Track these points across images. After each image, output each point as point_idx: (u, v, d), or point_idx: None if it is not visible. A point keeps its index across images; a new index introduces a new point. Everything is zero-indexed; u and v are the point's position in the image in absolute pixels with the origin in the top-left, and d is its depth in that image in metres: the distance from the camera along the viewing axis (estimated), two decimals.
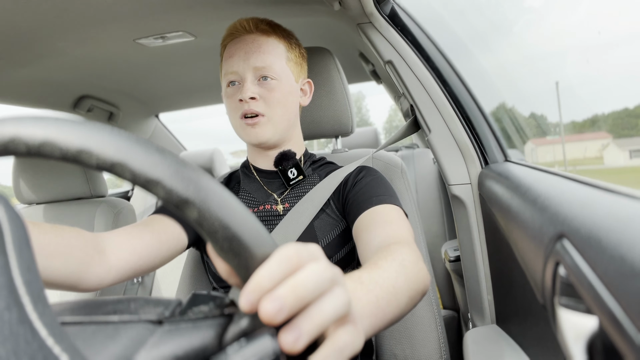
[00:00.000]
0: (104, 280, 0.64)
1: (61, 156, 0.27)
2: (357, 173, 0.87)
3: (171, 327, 0.28)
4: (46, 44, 1.11)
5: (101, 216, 1.38)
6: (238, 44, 0.84)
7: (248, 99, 0.81)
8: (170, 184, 0.27)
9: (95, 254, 0.62)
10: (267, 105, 0.82)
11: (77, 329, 0.28)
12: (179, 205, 0.27)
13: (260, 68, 0.82)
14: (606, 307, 0.31)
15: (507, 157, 0.86)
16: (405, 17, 0.91)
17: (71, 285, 0.60)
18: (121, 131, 0.28)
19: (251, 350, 0.26)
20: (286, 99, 0.85)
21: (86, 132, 0.27)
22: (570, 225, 0.40)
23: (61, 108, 1.62)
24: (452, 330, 1.63)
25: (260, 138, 0.83)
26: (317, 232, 0.82)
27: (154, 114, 2.15)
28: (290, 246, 0.30)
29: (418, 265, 0.56)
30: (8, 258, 0.25)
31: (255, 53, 0.82)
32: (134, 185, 0.28)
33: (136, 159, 0.27)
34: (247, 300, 0.27)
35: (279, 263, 0.28)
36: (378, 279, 0.47)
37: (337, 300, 0.30)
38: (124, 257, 0.66)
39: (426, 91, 0.89)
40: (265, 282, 0.28)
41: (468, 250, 0.87)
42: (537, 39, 31.69)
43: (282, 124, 0.86)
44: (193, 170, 0.29)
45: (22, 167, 1.40)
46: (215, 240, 0.28)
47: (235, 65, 0.83)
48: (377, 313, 0.43)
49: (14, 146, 0.27)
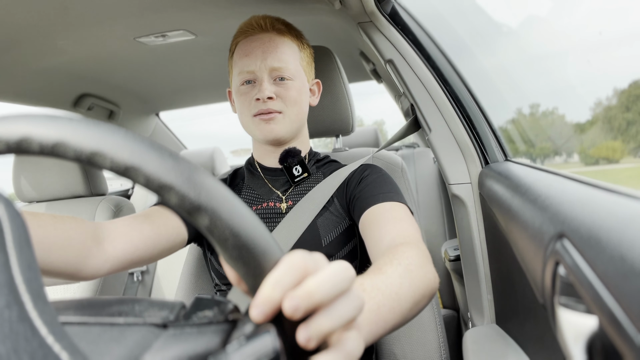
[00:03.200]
0: (100, 270, 0.64)
1: (74, 157, 0.27)
2: (362, 171, 0.87)
3: (176, 331, 0.28)
4: (47, 42, 1.11)
5: (101, 214, 1.38)
6: (254, 42, 0.84)
7: (266, 98, 0.81)
8: (183, 190, 0.27)
9: (93, 245, 0.62)
10: (284, 104, 0.84)
11: (82, 329, 0.28)
12: (191, 212, 0.27)
13: (277, 68, 0.83)
14: (606, 307, 0.31)
15: (507, 156, 0.86)
16: (405, 16, 0.91)
17: (69, 275, 0.60)
18: (136, 134, 0.28)
19: (251, 349, 0.26)
20: (301, 98, 0.86)
21: (101, 134, 0.27)
22: (570, 225, 0.40)
23: (61, 106, 1.62)
24: (451, 330, 1.63)
25: (276, 134, 0.84)
26: (319, 230, 0.82)
27: (154, 113, 2.15)
28: (296, 254, 0.30)
29: (425, 268, 0.56)
30: (8, 256, 0.25)
31: (272, 53, 0.83)
32: (133, 185, 0.28)
33: (150, 164, 0.27)
34: (261, 312, 0.28)
35: (287, 272, 0.29)
36: (381, 286, 0.46)
37: (351, 304, 0.30)
38: (120, 248, 0.66)
39: (427, 90, 0.89)
40: (276, 293, 0.28)
41: (468, 250, 0.87)
42: (540, 38, 31.55)
43: (297, 123, 0.87)
44: (206, 177, 0.28)
45: (22, 165, 1.41)
46: (225, 248, 0.28)
47: (252, 64, 0.83)
48: (378, 321, 0.43)
49: (26, 145, 0.27)
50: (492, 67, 1.39)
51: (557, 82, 4.38)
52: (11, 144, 0.27)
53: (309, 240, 0.81)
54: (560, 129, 2.35)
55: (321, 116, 1.06)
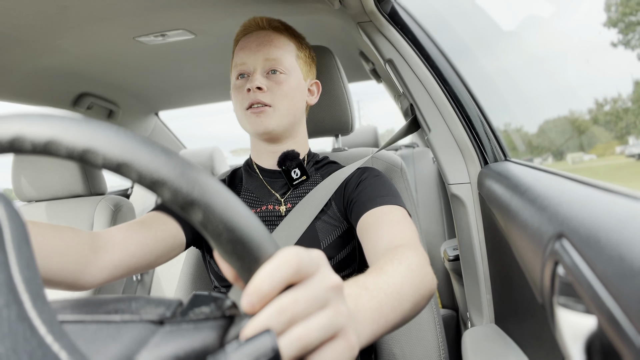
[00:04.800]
0: (97, 279, 0.64)
1: (67, 155, 0.27)
2: (360, 173, 0.87)
3: (172, 327, 0.28)
4: (46, 41, 1.11)
5: (100, 214, 1.38)
6: (250, 37, 0.86)
7: (255, 88, 0.82)
8: (176, 185, 0.27)
9: (90, 254, 0.63)
10: (274, 96, 0.83)
11: (78, 327, 0.28)
12: (184, 207, 0.28)
13: (270, 60, 0.83)
14: (605, 307, 0.31)
15: (506, 156, 0.86)
16: (405, 16, 0.91)
17: (68, 285, 0.60)
18: (127, 131, 0.28)
19: (250, 349, 0.26)
20: (293, 93, 0.86)
21: (92, 132, 0.27)
22: (569, 225, 0.40)
23: (61, 105, 1.62)
24: (450, 330, 1.63)
25: (266, 127, 0.83)
26: (318, 233, 0.82)
27: (153, 112, 2.15)
28: (292, 249, 0.30)
29: (424, 269, 0.56)
30: (7, 255, 0.25)
31: (266, 46, 0.84)
32: (132, 185, 0.28)
33: (142, 160, 0.27)
34: (248, 302, 0.28)
35: (280, 266, 0.29)
36: (383, 285, 0.46)
37: (336, 317, 0.30)
38: (117, 256, 0.66)
39: (426, 90, 0.89)
40: (266, 285, 0.28)
41: (467, 250, 0.88)
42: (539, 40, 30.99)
43: (288, 117, 0.86)
44: (199, 172, 0.29)
45: (22, 165, 1.40)
46: (219, 243, 0.28)
47: (245, 57, 0.84)
48: (379, 320, 0.43)
49: (19, 144, 0.27)
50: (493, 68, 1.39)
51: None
52: (4, 143, 0.27)
53: (307, 242, 0.81)
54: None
55: (321, 116, 1.06)
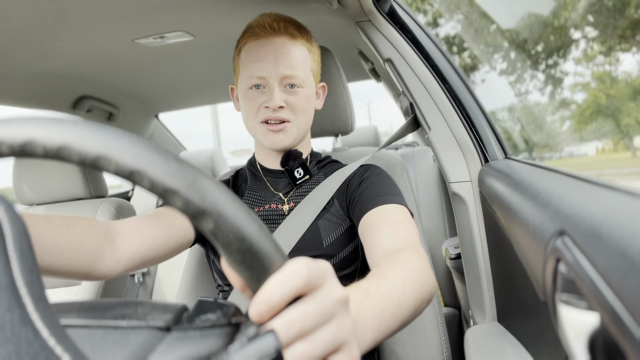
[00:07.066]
0: (113, 270, 0.64)
1: (79, 161, 0.27)
2: (363, 172, 0.87)
3: (179, 334, 0.28)
4: (45, 44, 1.11)
5: (102, 216, 1.38)
6: (266, 47, 0.82)
7: (277, 107, 0.81)
8: (188, 194, 0.27)
9: (106, 245, 0.62)
10: (292, 112, 0.83)
11: (85, 332, 0.28)
12: (195, 216, 0.28)
13: (289, 76, 0.82)
14: (607, 303, 0.31)
15: (507, 154, 0.86)
16: (404, 15, 0.91)
17: (82, 276, 0.60)
18: (140, 138, 0.28)
19: (253, 349, 0.26)
20: (309, 105, 0.86)
21: (106, 138, 0.27)
22: (570, 222, 0.40)
23: (60, 108, 1.62)
24: (453, 328, 1.63)
25: (284, 144, 0.84)
26: (321, 231, 0.82)
27: (153, 114, 2.14)
28: (301, 260, 0.30)
29: (425, 272, 0.56)
30: (9, 259, 0.25)
31: (285, 60, 0.81)
32: (133, 187, 0.28)
33: (155, 168, 0.27)
34: (257, 312, 0.28)
35: (289, 277, 0.29)
36: (384, 291, 0.46)
37: (340, 331, 0.31)
38: (133, 247, 0.67)
39: (425, 89, 0.89)
40: (275, 296, 0.28)
41: (469, 248, 0.87)
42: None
43: (304, 130, 0.87)
44: (210, 181, 0.29)
45: (22, 168, 1.40)
46: (229, 252, 0.28)
47: (263, 70, 0.81)
48: (380, 327, 0.43)
49: (31, 148, 0.27)
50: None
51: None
52: (15, 147, 0.27)
53: (310, 241, 0.81)
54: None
55: (321, 116, 1.06)
